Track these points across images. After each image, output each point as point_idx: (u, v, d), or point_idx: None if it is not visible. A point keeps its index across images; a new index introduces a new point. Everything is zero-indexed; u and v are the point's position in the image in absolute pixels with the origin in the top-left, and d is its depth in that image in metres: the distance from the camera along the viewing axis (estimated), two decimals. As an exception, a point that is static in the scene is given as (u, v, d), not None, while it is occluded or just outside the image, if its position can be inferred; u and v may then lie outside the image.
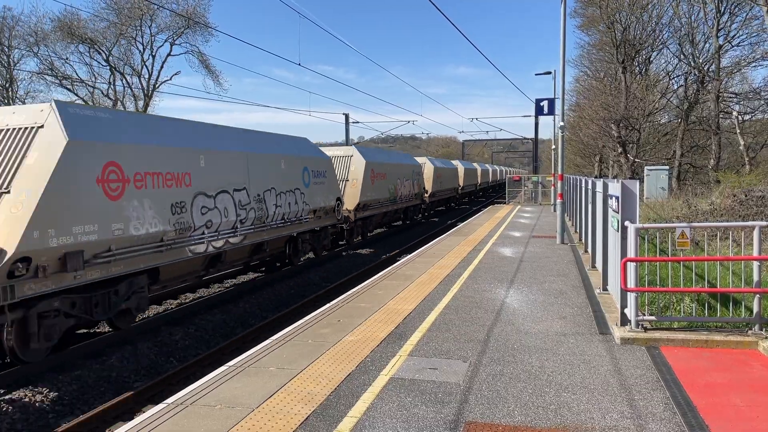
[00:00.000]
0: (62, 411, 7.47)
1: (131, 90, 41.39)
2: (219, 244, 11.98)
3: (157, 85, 41.99)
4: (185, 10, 39.34)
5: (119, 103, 41.01)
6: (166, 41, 41.46)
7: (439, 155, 74.54)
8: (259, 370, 6.16)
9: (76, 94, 40.09)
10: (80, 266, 8.42)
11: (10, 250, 7.42)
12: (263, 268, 16.57)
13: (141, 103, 41.41)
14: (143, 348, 9.61)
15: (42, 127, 8.43)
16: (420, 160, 34.77)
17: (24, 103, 38.04)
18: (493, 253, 14.37)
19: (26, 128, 8.48)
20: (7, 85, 38.21)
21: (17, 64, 39.15)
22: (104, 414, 7.16)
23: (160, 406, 5.34)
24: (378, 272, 13.25)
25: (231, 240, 12.42)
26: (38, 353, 8.27)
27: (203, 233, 11.39)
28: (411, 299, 9.41)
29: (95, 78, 40.64)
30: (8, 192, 7.88)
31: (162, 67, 42.02)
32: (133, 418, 6.41)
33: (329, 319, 8.24)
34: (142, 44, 40.88)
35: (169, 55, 42.20)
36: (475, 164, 61.65)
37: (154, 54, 41.57)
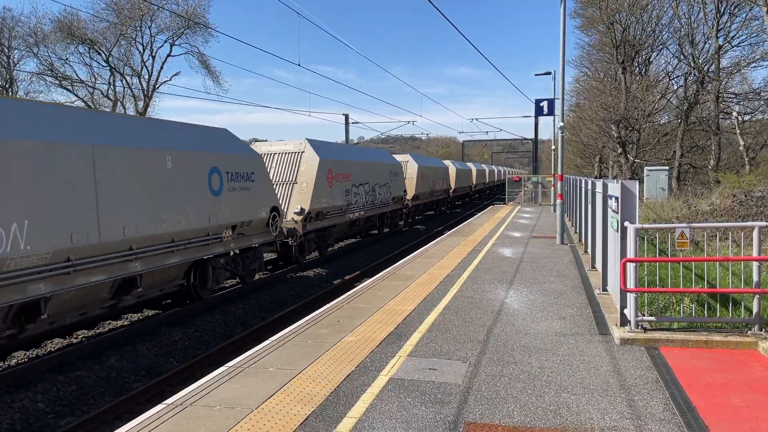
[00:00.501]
0: (62, 411, 7.46)
1: (131, 90, 41.39)
2: (356, 215, 21.17)
3: (156, 86, 42.00)
4: (185, 11, 39.34)
5: (119, 103, 40.98)
6: (165, 42, 41.50)
7: (439, 156, 74.69)
8: (259, 371, 6.17)
9: (76, 95, 40.09)
10: (321, 218, 17.65)
11: (307, 208, 16.72)
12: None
13: (141, 104, 41.38)
14: (143, 349, 9.61)
15: (304, 152, 17.72)
16: (445, 162, 42.54)
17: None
18: (492, 254, 14.37)
19: (296, 152, 17.81)
20: (6, 86, 38.21)
21: (17, 65, 39.19)
22: (104, 414, 7.15)
23: (160, 406, 5.34)
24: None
25: (360, 213, 21.59)
26: (304, 258, 17.35)
27: (353, 208, 20.54)
28: (411, 300, 9.41)
29: (95, 79, 40.66)
30: (296, 183, 17.20)
31: (162, 67, 42.06)
32: (132, 419, 6.40)
33: (329, 320, 8.24)
34: (142, 45, 40.91)
35: (168, 55, 42.26)
36: (483, 165, 69.89)
37: (153, 54, 41.59)
